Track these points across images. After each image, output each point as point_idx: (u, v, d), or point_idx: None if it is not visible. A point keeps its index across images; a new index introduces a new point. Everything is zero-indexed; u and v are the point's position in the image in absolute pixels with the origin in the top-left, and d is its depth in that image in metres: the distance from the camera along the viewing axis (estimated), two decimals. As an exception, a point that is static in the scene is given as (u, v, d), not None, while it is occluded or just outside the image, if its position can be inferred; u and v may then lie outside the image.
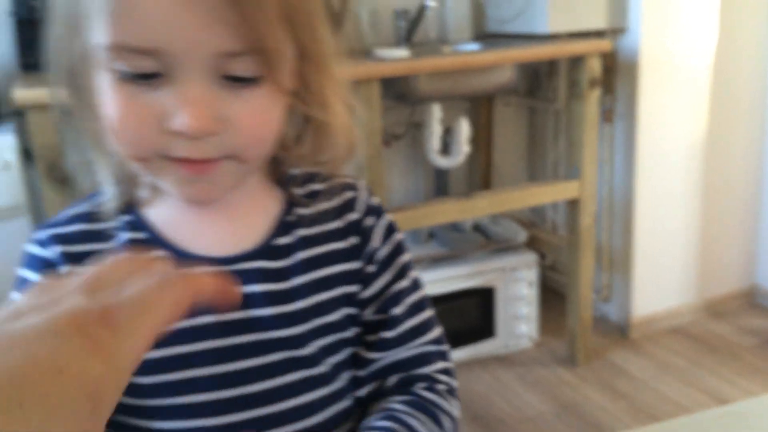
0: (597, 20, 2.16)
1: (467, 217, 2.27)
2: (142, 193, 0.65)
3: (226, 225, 0.65)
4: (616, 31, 2.26)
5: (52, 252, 0.61)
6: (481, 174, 2.63)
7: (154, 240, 0.63)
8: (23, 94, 1.50)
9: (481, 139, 2.57)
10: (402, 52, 1.94)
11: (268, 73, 0.55)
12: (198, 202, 0.61)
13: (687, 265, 2.53)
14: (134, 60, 0.52)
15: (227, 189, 0.60)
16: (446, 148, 2.25)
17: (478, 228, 2.46)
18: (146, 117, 0.53)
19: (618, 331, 2.52)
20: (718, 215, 2.55)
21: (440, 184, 2.52)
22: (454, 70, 1.97)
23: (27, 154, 1.73)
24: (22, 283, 0.62)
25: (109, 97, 0.54)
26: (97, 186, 0.66)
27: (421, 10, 2.16)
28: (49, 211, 1.58)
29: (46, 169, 1.56)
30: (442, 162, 2.24)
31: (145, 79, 0.53)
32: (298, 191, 0.69)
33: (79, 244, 0.62)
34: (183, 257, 0.62)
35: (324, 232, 0.67)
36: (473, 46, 2.16)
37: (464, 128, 2.19)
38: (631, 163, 2.34)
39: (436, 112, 2.15)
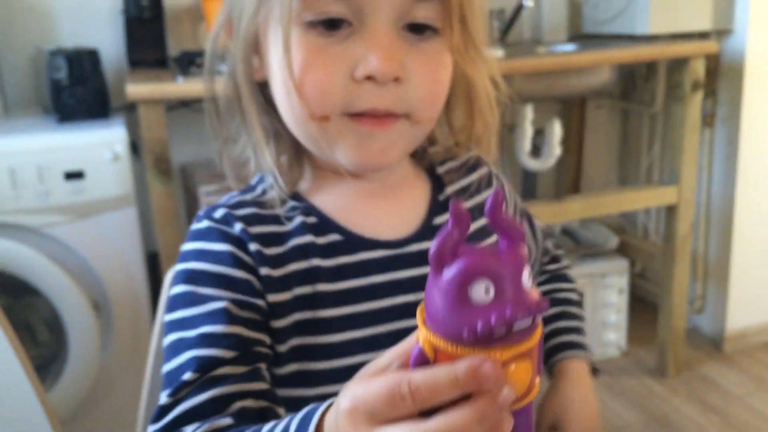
0: (701, 21, 2.08)
1: (558, 220, 2.23)
2: (303, 184, 0.66)
3: (389, 208, 0.66)
4: (721, 32, 2.18)
5: (237, 228, 0.62)
6: (570, 177, 2.58)
7: (325, 224, 0.64)
8: (135, 89, 1.56)
9: (572, 142, 2.52)
10: (497, 52, 1.92)
11: (446, 24, 0.58)
12: (371, 166, 0.62)
13: (787, 278, 2.42)
14: (326, 6, 0.55)
15: (399, 154, 0.62)
16: (536, 150, 2.22)
17: (566, 232, 2.42)
18: (335, 66, 0.56)
19: (711, 344, 2.43)
20: (823, 227, 2.43)
21: (528, 186, 2.49)
22: (550, 71, 1.94)
23: (134, 147, 1.80)
24: (204, 255, 0.62)
25: (297, 53, 0.56)
26: (248, 178, 0.68)
27: (518, 9, 2.14)
28: (154, 201, 1.64)
29: (154, 162, 1.62)
30: (533, 164, 2.21)
31: (335, 28, 0.56)
32: (440, 170, 0.71)
33: (257, 225, 0.63)
34: (354, 240, 0.64)
35: (472, 207, 0.70)
36: (569, 47, 2.12)
37: (557, 130, 2.15)
38: (732, 169, 2.25)
39: (529, 113, 2.12)
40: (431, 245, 0.37)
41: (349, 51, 0.56)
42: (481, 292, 0.35)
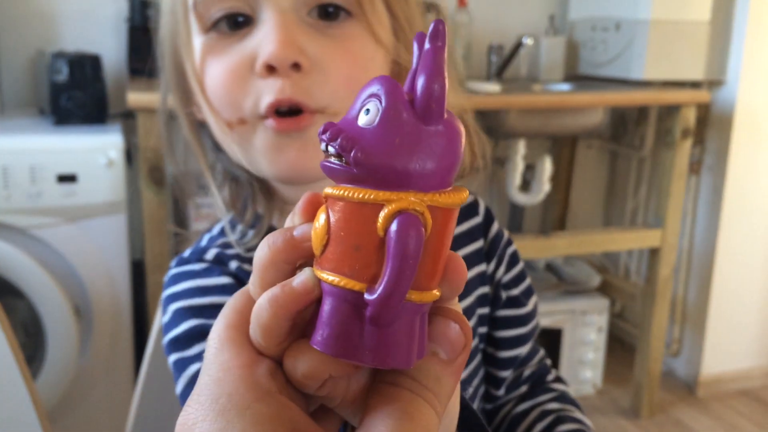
0: (695, 71, 2.13)
1: (544, 255, 2.25)
2: (276, 221, 0.63)
3: None
4: (713, 82, 2.23)
5: (233, 266, 0.61)
6: (556, 214, 2.61)
7: None
8: (135, 97, 1.56)
9: (560, 179, 2.56)
10: (494, 87, 1.95)
11: (359, 5, 0.54)
12: (293, 171, 0.56)
13: (763, 327, 2.45)
14: (220, 3, 0.53)
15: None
16: (525, 185, 2.25)
17: (550, 268, 2.44)
18: (235, 63, 0.53)
19: (685, 388, 2.45)
20: (800, 279, 2.47)
21: (515, 221, 2.51)
22: (545, 109, 1.97)
23: (129, 155, 1.80)
24: (206, 291, 0.59)
25: (205, 62, 0.54)
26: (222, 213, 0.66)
27: (517, 47, 2.18)
28: (146, 210, 1.63)
29: (148, 171, 1.62)
30: (521, 198, 2.24)
31: (235, 28, 0.54)
32: None
33: (250, 264, 0.61)
34: None
35: (455, 238, 0.67)
36: (565, 87, 2.16)
37: (547, 166, 2.18)
38: (715, 217, 2.29)
39: (521, 148, 2.15)
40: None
41: (249, 45, 0.53)
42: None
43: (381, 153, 0.27)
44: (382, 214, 0.27)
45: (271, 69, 0.52)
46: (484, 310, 0.70)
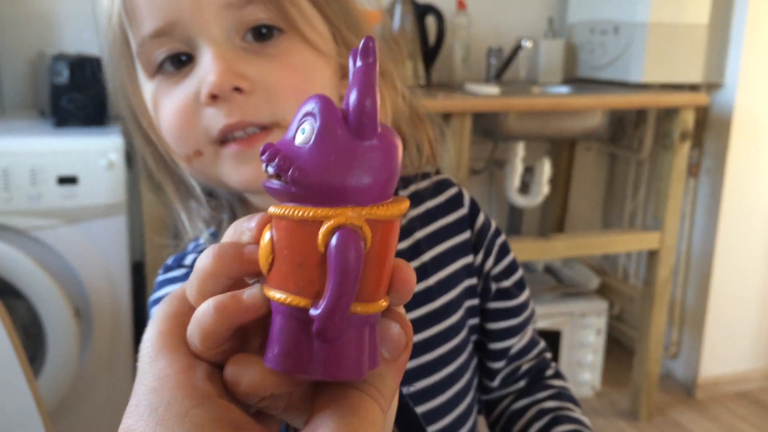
0: (694, 74, 2.14)
1: (543, 257, 2.26)
2: None
3: None
4: (711, 85, 2.24)
5: None
6: (555, 216, 2.61)
7: None
8: (136, 99, 1.56)
9: (559, 182, 2.56)
10: (493, 89, 1.96)
11: (283, 19, 0.56)
12: (259, 185, 0.57)
13: (761, 330, 2.46)
14: (159, 47, 0.55)
15: None
16: (524, 187, 2.25)
17: (549, 270, 2.45)
18: (186, 101, 0.56)
19: (683, 390, 2.45)
20: (798, 281, 2.48)
21: (513, 223, 2.52)
22: (544, 111, 1.98)
23: (129, 157, 1.80)
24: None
25: (157, 104, 0.57)
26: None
27: (516, 50, 2.18)
28: (146, 211, 1.64)
29: (145, 174, 1.62)
30: (520, 201, 2.25)
31: (180, 66, 0.56)
32: (403, 193, 0.69)
33: None
34: None
35: (439, 230, 0.68)
36: (563, 89, 2.17)
37: (546, 169, 2.19)
38: (713, 220, 2.30)
39: (520, 150, 2.16)
40: None
41: (193, 81, 0.55)
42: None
43: (317, 171, 0.27)
44: (321, 231, 0.27)
45: (214, 97, 0.54)
46: (473, 302, 0.70)
